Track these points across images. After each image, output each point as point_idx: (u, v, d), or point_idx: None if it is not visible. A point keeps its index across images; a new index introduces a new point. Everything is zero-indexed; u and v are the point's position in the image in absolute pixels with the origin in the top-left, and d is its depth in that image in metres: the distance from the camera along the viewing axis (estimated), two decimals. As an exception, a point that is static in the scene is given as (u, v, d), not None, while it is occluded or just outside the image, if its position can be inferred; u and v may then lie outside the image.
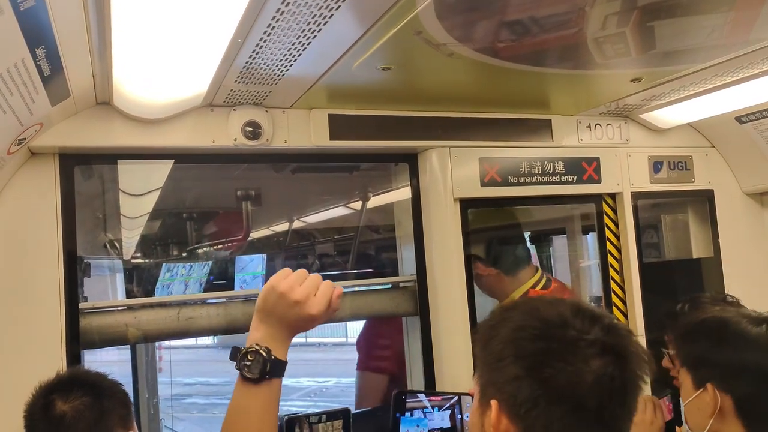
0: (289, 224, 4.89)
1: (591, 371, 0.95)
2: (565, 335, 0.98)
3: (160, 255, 4.43)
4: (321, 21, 1.51)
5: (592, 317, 1.01)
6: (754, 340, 1.51)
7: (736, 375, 1.51)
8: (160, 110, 2.03)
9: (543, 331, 0.99)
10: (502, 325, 1.04)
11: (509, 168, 2.68)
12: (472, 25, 1.63)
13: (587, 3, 1.52)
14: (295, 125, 2.30)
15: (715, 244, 3.07)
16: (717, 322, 1.64)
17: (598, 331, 0.98)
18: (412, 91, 2.26)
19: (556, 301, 1.05)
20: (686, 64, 2.14)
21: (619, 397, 0.97)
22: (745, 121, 2.82)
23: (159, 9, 1.40)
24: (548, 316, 1.01)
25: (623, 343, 1.00)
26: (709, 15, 1.67)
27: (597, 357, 0.96)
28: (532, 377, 0.96)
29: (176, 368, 16.41)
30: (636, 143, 2.95)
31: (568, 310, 1.01)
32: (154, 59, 1.68)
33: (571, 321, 1.00)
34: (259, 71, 1.88)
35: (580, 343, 0.97)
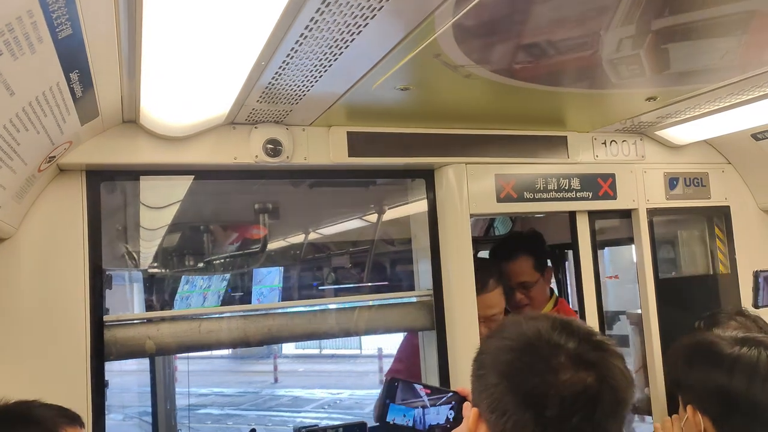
0: (305, 237, 4.94)
1: (557, 384, 0.98)
2: (536, 348, 1.03)
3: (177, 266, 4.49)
4: (342, 45, 1.56)
5: (572, 332, 1.05)
6: (726, 362, 1.53)
7: (709, 397, 1.53)
8: (184, 129, 2.09)
9: (518, 343, 1.06)
10: (492, 339, 1.11)
11: (525, 184, 2.70)
12: (489, 48, 1.66)
13: (602, 27, 1.55)
14: (315, 142, 2.35)
15: (732, 260, 3.06)
16: (693, 345, 1.67)
17: (576, 345, 1.02)
18: (429, 109, 2.30)
19: (539, 317, 1.11)
20: (701, 84, 2.16)
21: (586, 412, 0.99)
22: (761, 138, 2.83)
23: (187, 32, 1.45)
24: (526, 330, 1.07)
25: (600, 358, 1.02)
26: (723, 38, 1.70)
27: (568, 370, 0.99)
28: (504, 385, 1.02)
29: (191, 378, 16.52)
30: (652, 159, 2.97)
31: (547, 324, 1.07)
32: (180, 80, 1.74)
33: (547, 335, 1.05)
34: (281, 91, 1.93)
35: (551, 356, 1.01)
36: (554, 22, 1.51)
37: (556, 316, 1.11)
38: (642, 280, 2.90)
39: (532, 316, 1.14)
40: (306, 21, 1.41)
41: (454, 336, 2.56)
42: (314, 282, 4.74)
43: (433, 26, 1.48)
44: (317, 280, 4.75)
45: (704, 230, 3.16)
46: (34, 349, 2.04)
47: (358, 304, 2.64)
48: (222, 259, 4.32)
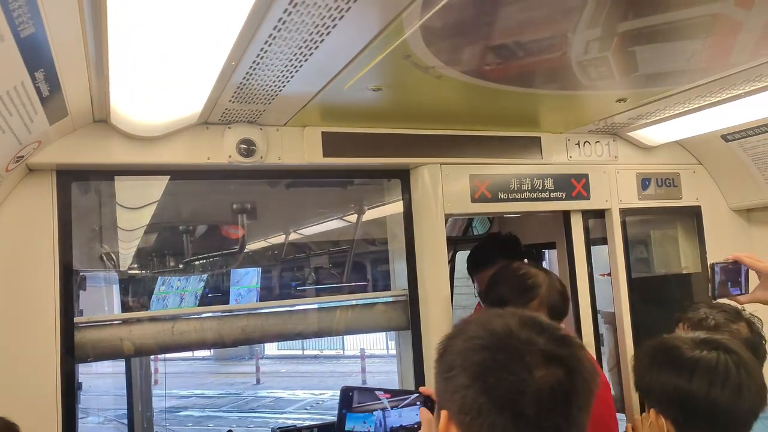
0: (285, 237, 4.93)
1: (533, 381, 0.97)
2: (510, 345, 1.01)
3: (155, 267, 4.46)
4: (312, 45, 1.57)
5: (540, 328, 1.04)
6: (685, 365, 1.52)
7: (670, 401, 1.53)
8: (156, 128, 2.08)
9: (489, 342, 1.03)
10: (457, 337, 1.08)
11: (499, 184, 2.73)
12: (458, 50, 1.68)
13: (569, 29, 1.57)
14: (289, 143, 2.35)
15: (703, 259, 3.11)
16: (654, 348, 1.66)
17: (544, 342, 1.01)
18: (403, 110, 2.32)
19: (507, 313, 1.09)
20: (670, 86, 2.20)
21: (561, 407, 0.99)
22: (731, 139, 2.88)
23: (155, 30, 1.45)
24: (496, 327, 1.05)
25: (569, 353, 1.02)
26: (688, 41, 1.73)
27: (541, 367, 0.98)
28: (477, 386, 1.00)
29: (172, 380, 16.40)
30: (624, 160, 3.01)
31: (516, 321, 1.05)
32: (150, 79, 1.73)
33: (517, 332, 1.03)
34: (254, 91, 1.92)
35: (525, 353, 1.00)
36: (521, 24, 1.53)
37: (521, 312, 1.09)
38: (615, 279, 2.94)
39: (497, 312, 1.11)
40: (274, 21, 1.41)
41: (429, 336, 2.58)
42: (293, 282, 4.73)
43: (402, 28, 1.49)
44: (296, 280, 4.74)
45: (676, 230, 3.21)
46: (3, 351, 2.01)
47: (333, 305, 2.64)
48: (200, 259, 4.30)
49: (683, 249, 3.21)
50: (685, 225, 3.20)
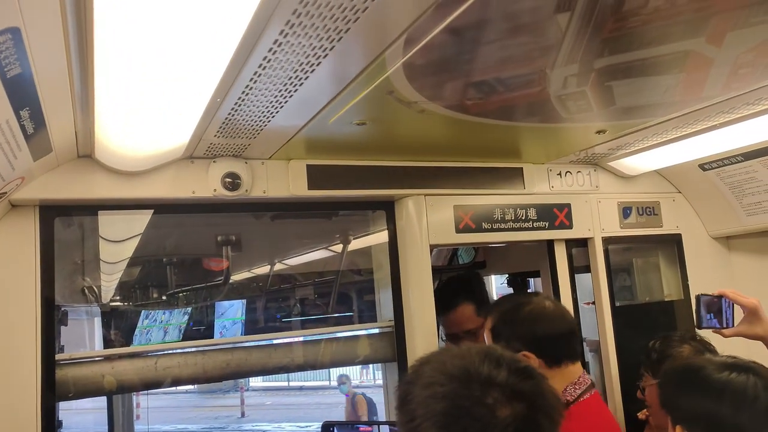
0: (270, 268, 4.91)
1: (497, 423, 0.98)
2: (470, 389, 1.01)
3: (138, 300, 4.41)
4: (297, 83, 1.59)
5: (499, 361, 1.04)
6: (714, 387, 1.57)
7: (696, 419, 1.58)
8: (141, 163, 2.08)
9: (449, 389, 1.02)
10: (415, 382, 1.07)
11: (483, 215, 2.76)
12: (440, 86, 1.71)
13: (548, 65, 1.62)
14: (274, 176, 2.37)
15: (684, 286, 3.15)
16: (684, 368, 1.73)
17: (506, 376, 1.02)
18: (387, 143, 2.35)
19: (464, 352, 1.09)
20: (646, 118, 2.25)
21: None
22: (708, 168, 2.94)
23: (141, 67, 1.47)
24: (454, 371, 1.04)
25: (531, 387, 1.03)
26: (662, 76, 1.78)
27: (504, 406, 0.99)
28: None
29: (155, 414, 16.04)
30: (605, 189, 3.05)
31: (473, 359, 1.05)
32: (135, 115, 1.74)
33: (477, 370, 1.03)
34: (239, 126, 1.94)
35: (486, 395, 1.00)
36: (501, 61, 1.57)
37: (477, 346, 1.10)
38: (599, 307, 2.96)
39: (454, 352, 1.12)
40: (259, 60, 1.43)
41: (416, 367, 2.57)
42: (278, 314, 4.70)
43: (385, 65, 1.52)
44: (281, 312, 4.71)
45: (658, 257, 3.26)
46: (-18, 390, 1.98)
47: (318, 337, 2.63)
48: (183, 292, 4.27)
49: (665, 276, 3.25)
50: (666, 253, 3.24)
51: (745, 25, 1.46)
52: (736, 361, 1.66)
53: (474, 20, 1.32)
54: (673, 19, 1.40)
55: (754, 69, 1.78)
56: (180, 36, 1.32)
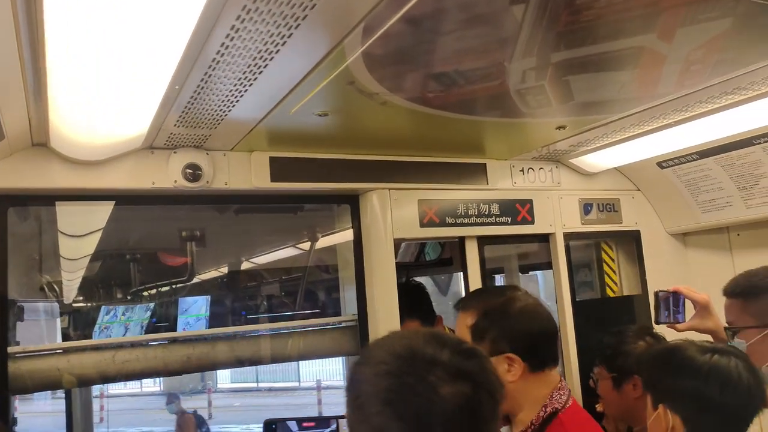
0: (235, 265, 4.87)
1: (440, 400, 1.00)
2: (414, 366, 1.04)
3: (101, 298, 4.33)
4: (256, 71, 1.59)
5: (443, 343, 1.07)
6: (697, 367, 1.66)
7: (681, 398, 1.67)
8: (98, 152, 2.05)
9: (394, 366, 1.05)
10: (364, 364, 1.10)
11: (447, 209, 2.78)
12: (400, 77, 1.73)
13: (505, 59, 1.64)
14: (236, 167, 2.35)
15: (643, 281, 3.22)
16: (668, 350, 1.81)
17: (449, 356, 1.04)
18: (350, 136, 2.35)
19: (410, 333, 1.12)
20: (605, 114, 2.30)
21: (469, 422, 1.02)
22: (666, 166, 3.02)
23: (95, 54, 1.44)
24: (399, 351, 1.07)
25: (474, 366, 1.05)
26: (618, 71, 1.83)
27: (447, 384, 1.01)
28: (386, 412, 1.01)
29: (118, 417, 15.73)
30: (567, 186, 3.11)
31: (420, 339, 1.08)
32: (91, 102, 1.71)
33: (421, 350, 1.05)
34: (199, 115, 1.93)
35: (430, 372, 1.02)
36: (459, 53, 1.59)
37: (425, 329, 1.13)
38: (560, 302, 3.01)
39: (401, 334, 1.14)
40: (217, 46, 1.43)
41: (378, 360, 2.57)
42: (243, 311, 4.66)
43: (344, 55, 1.53)
44: (247, 309, 4.68)
45: (618, 253, 3.33)
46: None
47: (281, 331, 2.62)
48: (146, 288, 4.20)
49: (624, 271, 3.32)
50: (625, 249, 3.31)
51: (694, 22, 1.51)
52: (715, 345, 1.76)
53: (431, 10, 1.34)
54: (626, 14, 1.44)
55: (704, 66, 1.83)
56: (134, 22, 1.31)
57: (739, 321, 1.93)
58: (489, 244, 2.91)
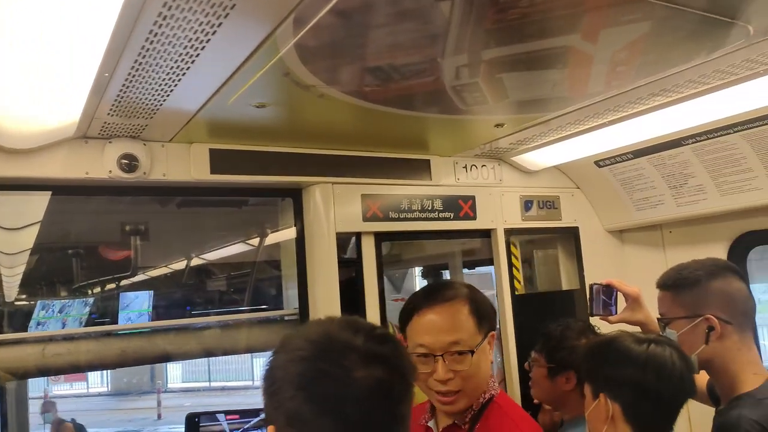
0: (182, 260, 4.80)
1: (354, 383, 1.02)
2: (329, 350, 1.05)
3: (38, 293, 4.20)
4: (189, 60, 1.58)
5: (357, 328, 1.09)
6: (635, 357, 1.76)
7: (620, 386, 1.75)
8: (28, 140, 2.00)
9: (309, 351, 1.06)
10: (281, 352, 1.11)
11: (390, 204, 2.81)
12: (335, 70, 1.74)
13: (438, 54, 1.68)
14: (175, 159, 2.33)
15: (581, 276, 3.32)
16: (606, 342, 1.89)
17: (363, 340, 1.06)
18: (290, 128, 2.35)
19: (327, 320, 1.14)
20: (541, 113, 2.37)
21: (383, 404, 1.04)
22: (602, 165, 3.12)
23: (20, 37, 1.41)
24: (315, 336, 1.09)
25: (388, 350, 1.08)
26: (548, 70, 1.88)
27: (361, 368, 1.03)
28: (300, 396, 1.02)
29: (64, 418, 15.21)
30: (509, 183, 3.18)
31: (335, 325, 1.10)
32: (19, 89, 1.67)
33: (336, 335, 1.07)
34: (133, 104, 1.90)
35: (344, 356, 1.04)
36: (391, 47, 1.61)
37: (342, 316, 1.14)
38: (500, 296, 3.08)
39: (318, 321, 1.16)
40: (145, 33, 1.41)
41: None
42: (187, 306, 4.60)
43: (277, 46, 1.53)
44: (191, 304, 4.61)
45: (557, 249, 3.42)
46: None
47: (218, 324, 2.61)
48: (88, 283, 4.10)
49: (564, 267, 3.41)
50: (565, 245, 3.41)
51: (615, 24, 1.57)
52: (649, 336, 1.86)
53: (360, 3, 1.36)
54: (549, 14, 1.49)
55: (629, 68, 1.91)
56: (58, 7, 1.29)
57: (670, 312, 2.00)
58: (387, 240, 2.91)
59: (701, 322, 1.89)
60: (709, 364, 1.92)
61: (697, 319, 1.90)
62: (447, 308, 1.82)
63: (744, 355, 1.88)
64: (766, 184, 2.57)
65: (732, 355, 1.88)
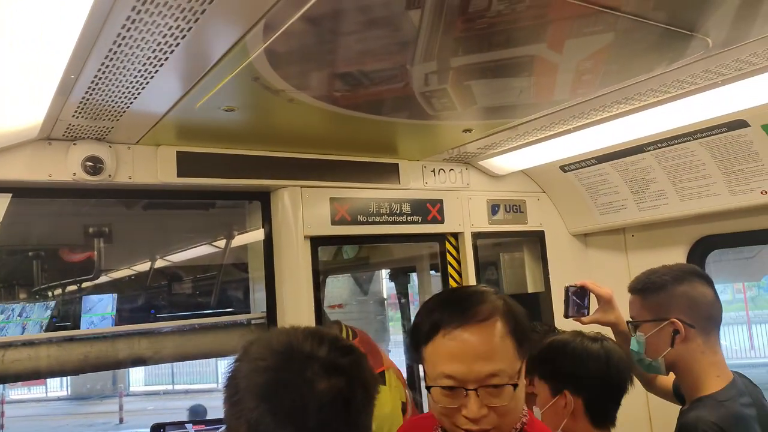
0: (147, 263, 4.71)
1: (314, 395, 1.03)
2: (291, 362, 1.06)
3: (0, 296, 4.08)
4: (157, 63, 1.56)
5: (321, 339, 1.10)
6: (594, 354, 1.91)
7: (582, 382, 1.88)
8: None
9: (271, 362, 1.07)
10: (242, 360, 1.11)
11: (359, 208, 2.82)
12: (305, 75, 1.75)
13: (407, 61, 1.69)
14: (141, 161, 2.29)
15: (546, 279, 3.38)
16: (564, 342, 2.00)
17: (326, 352, 1.08)
18: (258, 132, 2.34)
19: (290, 329, 1.15)
20: (507, 119, 2.41)
21: (342, 414, 1.05)
22: (568, 170, 3.19)
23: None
24: (277, 346, 1.09)
25: (349, 362, 1.09)
26: (515, 78, 1.92)
27: (323, 379, 1.04)
28: (262, 407, 1.03)
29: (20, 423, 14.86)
30: (476, 187, 3.22)
31: (299, 335, 1.11)
32: (-21, 89, 1.63)
33: (299, 346, 1.08)
34: (99, 107, 1.87)
35: (306, 368, 1.05)
36: (361, 54, 1.63)
37: (306, 326, 1.14)
38: (467, 298, 3.10)
39: (280, 331, 1.15)
40: (113, 37, 1.40)
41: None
42: (152, 309, 4.52)
43: (247, 50, 1.53)
44: (155, 307, 4.54)
45: (523, 252, 3.47)
46: None
47: (184, 328, 2.58)
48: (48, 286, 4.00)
49: (530, 270, 3.47)
50: (530, 248, 3.46)
51: (580, 35, 1.61)
52: (596, 335, 2.01)
53: (330, 10, 1.37)
54: (516, 24, 1.52)
55: (594, 76, 1.96)
56: (25, 7, 1.26)
57: (639, 315, 2.06)
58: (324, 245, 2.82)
59: (667, 325, 1.95)
60: (675, 366, 1.99)
61: (663, 323, 1.96)
62: (483, 328, 1.39)
63: (708, 357, 1.93)
64: (723, 189, 2.66)
65: (696, 357, 1.93)
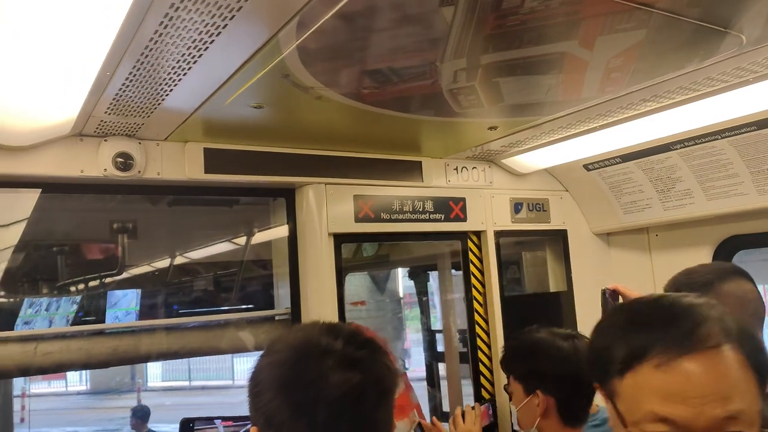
0: (169, 259, 4.76)
1: (327, 388, 1.05)
2: (308, 356, 1.10)
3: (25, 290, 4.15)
4: (190, 60, 1.58)
5: (335, 334, 1.13)
6: (566, 353, 1.93)
7: (556, 381, 1.90)
8: (22, 137, 1.98)
9: (289, 356, 1.11)
10: (266, 355, 1.16)
11: (382, 205, 2.83)
12: (335, 72, 1.76)
13: (437, 58, 1.70)
14: (170, 157, 2.32)
15: (569, 279, 3.36)
16: (535, 341, 2.03)
17: (343, 345, 1.10)
18: (285, 129, 2.36)
19: (307, 326, 1.19)
20: (533, 116, 2.40)
21: (355, 408, 1.07)
22: (591, 168, 3.17)
23: (22, 34, 1.41)
24: (294, 341, 1.14)
25: (365, 356, 1.11)
26: (544, 75, 1.91)
27: (337, 373, 1.07)
28: (279, 399, 1.07)
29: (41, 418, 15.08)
30: (499, 185, 3.22)
31: (316, 330, 1.14)
32: (15, 84, 1.66)
33: (317, 340, 1.11)
34: (131, 104, 1.90)
35: (322, 361, 1.08)
36: (393, 51, 1.63)
37: (326, 322, 1.18)
38: (489, 296, 3.11)
39: (300, 327, 1.20)
40: (150, 34, 1.42)
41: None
42: (175, 305, 4.57)
43: (279, 48, 1.54)
44: (179, 302, 4.59)
45: (545, 251, 3.46)
46: None
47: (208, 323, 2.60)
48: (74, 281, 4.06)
49: (552, 269, 3.46)
50: (553, 247, 3.45)
51: (612, 32, 1.61)
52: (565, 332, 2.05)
53: (364, 7, 1.37)
54: (548, 21, 1.52)
55: (624, 74, 1.94)
56: (63, 6, 1.29)
57: None
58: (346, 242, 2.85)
59: None
60: None
61: None
62: (712, 358, 1.01)
63: None
64: (751, 189, 2.63)
65: None
